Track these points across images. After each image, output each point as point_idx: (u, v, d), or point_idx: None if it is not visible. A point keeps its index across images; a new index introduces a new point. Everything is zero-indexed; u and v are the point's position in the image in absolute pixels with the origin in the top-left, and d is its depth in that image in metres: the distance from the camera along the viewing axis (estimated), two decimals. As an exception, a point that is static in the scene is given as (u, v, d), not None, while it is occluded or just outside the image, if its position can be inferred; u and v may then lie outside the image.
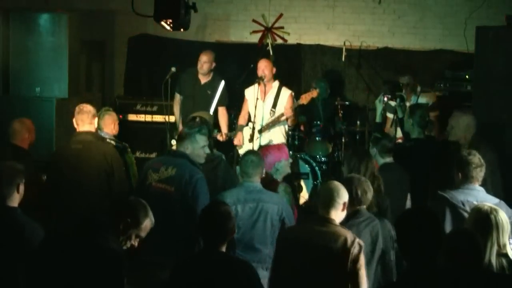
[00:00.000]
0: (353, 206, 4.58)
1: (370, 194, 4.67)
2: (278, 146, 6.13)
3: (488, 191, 5.07)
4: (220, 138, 7.56)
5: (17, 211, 4.32)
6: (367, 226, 4.57)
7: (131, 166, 6.49)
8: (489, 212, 4.17)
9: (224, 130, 7.86)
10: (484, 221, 4.14)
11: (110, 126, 6.43)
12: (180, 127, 7.99)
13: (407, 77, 7.68)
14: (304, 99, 7.51)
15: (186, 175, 4.92)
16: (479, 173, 5.00)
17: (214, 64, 8.07)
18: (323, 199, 4.37)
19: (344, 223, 4.45)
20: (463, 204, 4.86)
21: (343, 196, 4.35)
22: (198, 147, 5.10)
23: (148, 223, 3.93)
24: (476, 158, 5.01)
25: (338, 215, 4.35)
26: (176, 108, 8.18)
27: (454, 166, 5.10)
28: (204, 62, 7.99)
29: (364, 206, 4.66)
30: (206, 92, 8.05)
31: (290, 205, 5.40)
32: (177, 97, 8.18)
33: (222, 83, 8.08)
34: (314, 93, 7.55)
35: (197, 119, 5.81)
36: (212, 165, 5.68)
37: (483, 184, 5.04)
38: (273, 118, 7.67)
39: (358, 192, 4.60)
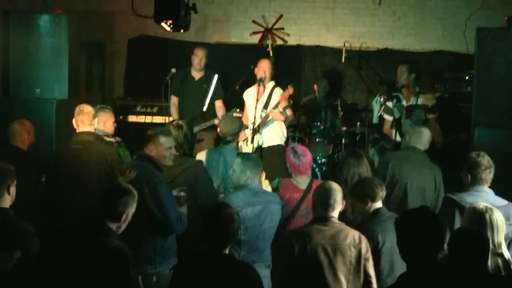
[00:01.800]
0: (367, 204, 4.71)
1: (383, 193, 4.77)
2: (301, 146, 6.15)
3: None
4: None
5: (8, 212, 4.31)
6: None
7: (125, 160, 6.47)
8: (484, 211, 4.18)
9: None
10: (479, 220, 4.15)
11: (102, 122, 6.33)
12: None
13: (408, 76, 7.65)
14: (283, 98, 7.43)
15: (144, 178, 4.86)
16: (488, 175, 4.97)
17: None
18: (322, 199, 4.45)
19: (366, 221, 4.63)
20: None
21: (341, 194, 4.50)
22: (162, 149, 5.04)
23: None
24: (485, 159, 4.98)
25: (337, 213, 4.48)
26: (174, 111, 8.21)
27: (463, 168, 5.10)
28: (202, 57, 8.11)
29: (380, 203, 4.76)
30: (201, 87, 8.14)
31: None
32: (173, 99, 8.20)
33: (216, 76, 8.16)
34: (290, 90, 7.46)
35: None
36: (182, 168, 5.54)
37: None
38: (262, 119, 7.64)
39: (369, 191, 4.72)
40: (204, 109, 8.03)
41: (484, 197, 4.86)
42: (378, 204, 4.76)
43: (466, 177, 5.02)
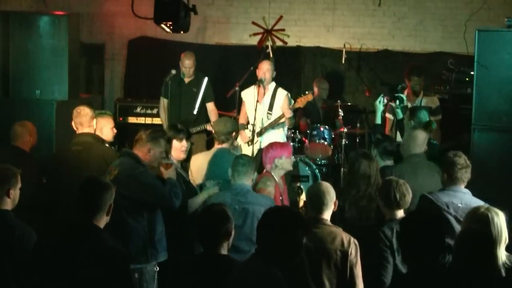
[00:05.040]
0: (391, 209, 4.63)
1: (409, 197, 4.69)
2: (282, 143, 6.22)
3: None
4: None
5: (7, 214, 4.32)
6: None
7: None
8: (487, 212, 4.15)
9: None
10: (481, 221, 4.11)
11: (98, 129, 6.20)
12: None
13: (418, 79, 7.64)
14: (300, 102, 7.51)
15: (126, 173, 4.95)
16: (464, 174, 4.96)
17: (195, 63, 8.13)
18: (313, 201, 4.45)
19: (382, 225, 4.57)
20: (448, 206, 4.84)
21: (334, 195, 4.47)
22: (159, 151, 5.15)
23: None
24: (462, 159, 4.98)
25: (329, 214, 4.46)
26: (162, 113, 8.12)
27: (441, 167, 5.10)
28: (190, 68, 8.01)
29: (402, 210, 4.67)
30: (191, 90, 8.08)
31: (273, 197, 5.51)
32: (163, 102, 8.11)
33: (206, 79, 8.12)
34: (309, 97, 7.55)
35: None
36: None
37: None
38: (271, 120, 7.67)
39: (397, 195, 4.62)
40: (195, 112, 8.01)
41: (461, 197, 4.88)
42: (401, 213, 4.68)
43: (443, 176, 5.04)
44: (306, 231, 3.64)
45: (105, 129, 6.28)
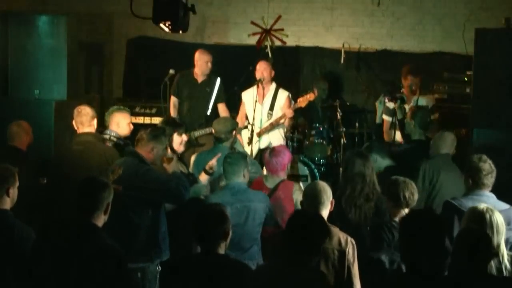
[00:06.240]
0: (400, 208, 4.64)
1: (416, 195, 4.72)
2: (284, 147, 6.22)
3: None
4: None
5: (6, 213, 4.32)
6: None
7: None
8: (485, 212, 4.17)
9: None
10: (478, 220, 4.13)
11: (115, 124, 6.21)
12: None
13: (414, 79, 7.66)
14: (302, 102, 7.53)
15: (131, 172, 4.97)
16: (490, 179, 4.94)
17: None
18: (311, 200, 4.47)
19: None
20: None
21: (330, 195, 4.50)
22: (161, 148, 5.18)
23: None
24: (487, 164, 4.95)
25: (326, 213, 4.47)
26: (174, 112, 8.13)
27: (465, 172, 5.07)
28: (208, 62, 7.99)
29: (408, 209, 4.68)
30: (205, 90, 8.06)
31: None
32: (174, 100, 8.12)
33: (218, 80, 8.11)
34: (311, 96, 7.57)
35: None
36: None
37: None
38: (271, 120, 7.68)
39: (406, 194, 4.65)
40: (208, 113, 8.01)
41: (485, 201, 4.81)
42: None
43: (467, 181, 4.99)
44: (328, 236, 3.68)
45: (122, 123, 6.25)
